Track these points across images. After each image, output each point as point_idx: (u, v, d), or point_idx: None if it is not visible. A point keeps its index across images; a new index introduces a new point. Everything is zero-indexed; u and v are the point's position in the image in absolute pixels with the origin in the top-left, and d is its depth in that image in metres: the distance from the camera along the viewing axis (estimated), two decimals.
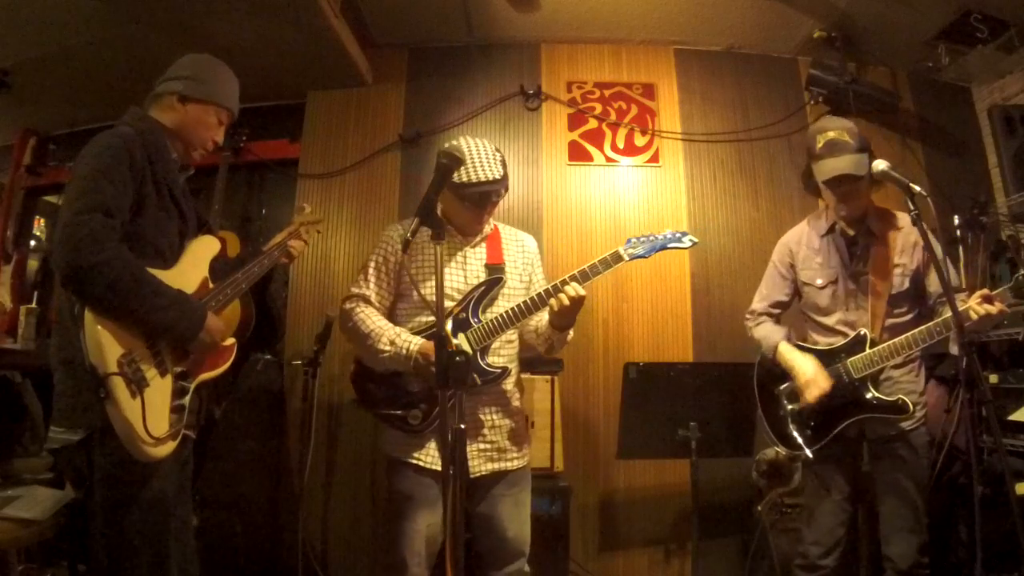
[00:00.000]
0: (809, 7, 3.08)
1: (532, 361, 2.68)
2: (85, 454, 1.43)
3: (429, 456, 1.83)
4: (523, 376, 2.60)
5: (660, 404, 2.16)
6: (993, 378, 2.42)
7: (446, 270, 1.90)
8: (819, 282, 2.09)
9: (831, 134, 1.96)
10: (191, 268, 1.63)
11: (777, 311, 2.23)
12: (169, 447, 1.45)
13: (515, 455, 1.92)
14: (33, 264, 3.82)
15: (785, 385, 2.09)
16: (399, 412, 1.84)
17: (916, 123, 3.41)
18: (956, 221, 2.94)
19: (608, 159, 3.32)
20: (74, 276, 1.35)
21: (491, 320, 1.86)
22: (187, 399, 1.54)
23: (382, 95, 3.39)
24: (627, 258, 1.89)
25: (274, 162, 3.40)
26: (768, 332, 2.17)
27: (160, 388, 1.46)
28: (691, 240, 1.94)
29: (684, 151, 3.33)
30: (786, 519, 2.53)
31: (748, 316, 2.27)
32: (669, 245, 1.93)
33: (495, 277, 1.94)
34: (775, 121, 3.36)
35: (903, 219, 2.03)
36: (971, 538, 2.13)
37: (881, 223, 2.04)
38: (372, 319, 1.87)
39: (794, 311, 2.26)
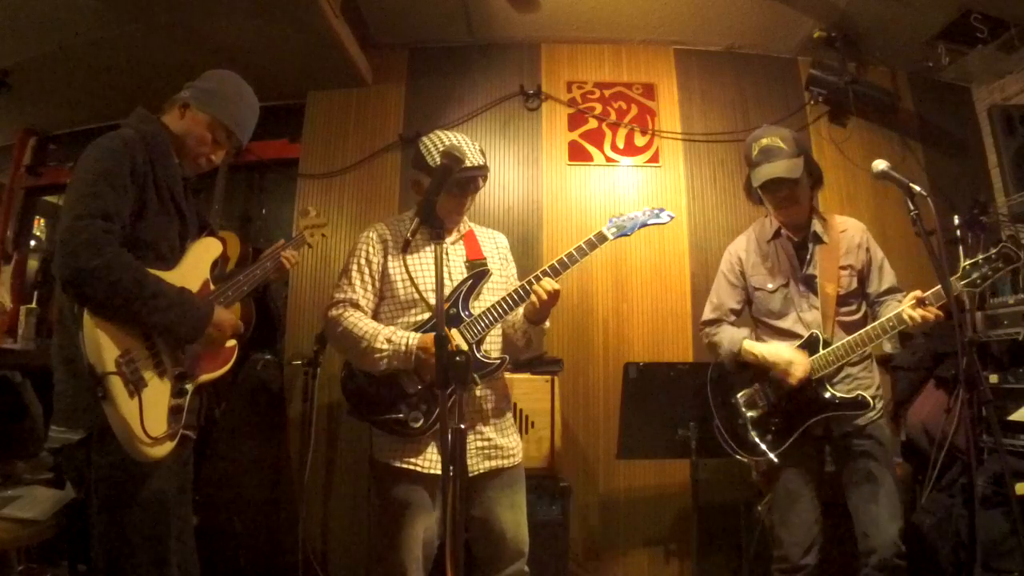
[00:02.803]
0: (809, 7, 3.09)
1: (532, 361, 2.69)
2: (85, 454, 1.42)
3: (427, 461, 1.79)
4: (523, 376, 2.62)
5: (660, 404, 2.16)
6: (993, 378, 2.42)
7: (429, 269, 1.90)
8: (770, 286, 2.11)
9: (764, 141, 2.01)
10: (192, 270, 1.63)
11: (731, 319, 2.21)
12: (167, 447, 1.45)
13: (510, 452, 1.91)
14: (33, 264, 3.82)
15: (742, 393, 2.08)
16: (400, 416, 1.78)
17: (916, 123, 3.41)
18: (956, 221, 2.94)
19: (608, 159, 3.32)
20: (73, 281, 1.34)
21: (483, 313, 1.85)
22: (186, 400, 1.54)
23: (382, 95, 3.39)
24: (611, 237, 1.96)
25: (274, 162, 3.40)
26: (730, 334, 2.14)
27: (158, 388, 1.46)
28: (668, 215, 2.02)
29: (684, 151, 3.34)
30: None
31: (703, 326, 2.25)
32: (650, 222, 2.00)
33: (482, 270, 1.94)
34: (775, 121, 3.35)
35: (845, 222, 2.11)
36: (971, 538, 2.13)
37: (825, 227, 2.08)
38: (363, 322, 1.83)
39: (745, 321, 2.24)
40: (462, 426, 1.30)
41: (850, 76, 3.16)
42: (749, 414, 2.06)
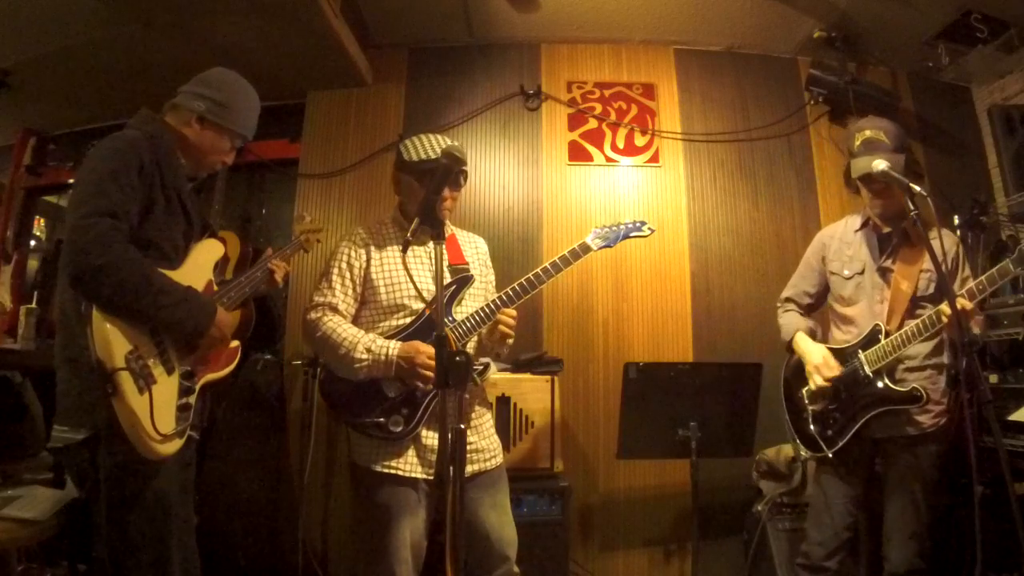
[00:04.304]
0: (809, 7, 3.08)
1: (532, 361, 2.69)
2: (88, 453, 1.42)
3: (407, 464, 1.78)
4: (523, 376, 2.62)
5: (660, 404, 2.15)
6: (993, 378, 2.41)
7: (414, 270, 1.89)
8: (846, 272, 2.13)
9: (868, 133, 2.01)
10: (196, 270, 1.63)
11: (806, 301, 2.27)
12: (175, 445, 1.45)
13: (491, 454, 1.92)
14: (33, 264, 3.82)
15: (808, 387, 2.11)
16: (380, 420, 1.77)
17: (916, 123, 3.40)
18: (956, 221, 2.94)
19: (608, 159, 3.32)
20: (81, 278, 1.35)
21: (469, 317, 1.86)
22: (193, 398, 1.54)
23: (382, 95, 3.39)
24: (595, 248, 1.97)
25: (274, 162, 3.40)
26: (791, 320, 2.21)
27: (167, 385, 1.46)
28: (649, 228, 2.07)
29: (684, 151, 3.33)
30: (786, 519, 2.54)
31: (778, 304, 2.33)
32: (631, 234, 2.05)
33: (466, 275, 1.94)
34: (775, 121, 3.36)
35: (939, 231, 2.08)
36: (971, 538, 2.13)
37: (918, 230, 2.04)
38: (342, 327, 1.81)
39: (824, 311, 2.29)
40: (462, 426, 1.30)
41: (850, 76, 3.16)
42: (811, 408, 2.09)
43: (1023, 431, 2.29)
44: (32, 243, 3.86)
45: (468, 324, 1.85)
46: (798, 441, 2.12)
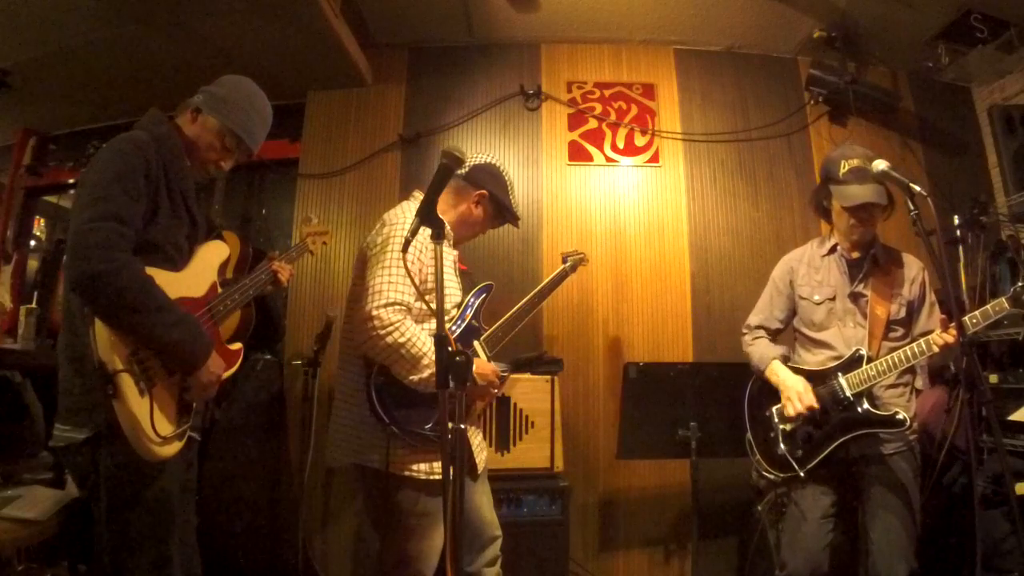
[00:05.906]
0: (809, 7, 3.09)
1: (532, 361, 2.69)
2: (90, 453, 1.42)
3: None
4: (523, 376, 2.63)
5: (660, 404, 2.16)
6: (993, 378, 2.42)
7: (449, 277, 1.90)
8: (816, 298, 2.12)
9: (855, 162, 2.00)
10: (200, 272, 1.63)
11: (775, 326, 2.23)
12: (175, 447, 1.44)
13: (485, 444, 2.02)
14: (33, 264, 3.82)
15: (778, 406, 2.08)
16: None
17: (916, 123, 3.41)
18: (956, 221, 2.94)
19: (608, 159, 3.32)
20: (81, 283, 1.33)
21: (500, 326, 1.92)
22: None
23: (382, 95, 3.39)
24: (570, 273, 2.26)
25: (274, 162, 3.40)
26: (763, 349, 2.17)
27: (167, 388, 1.45)
28: (586, 258, 2.45)
29: (684, 151, 3.34)
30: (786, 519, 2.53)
31: (744, 330, 2.28)
32: (579, 265, 2.39)
33: (488, 283, 1.98)
34: (775, 121, 3.36)
35: (905, 256, 2.11)
36: (971, 538, 2.14)
37: (886, 256, 2.09)
38: (423, 337, 1.70)
39: (788, 331, 2.26)
40: (462, 425, 1.29)
41: (850, 76, 3.16)
42: (782, 427, 2.05)
43: (1023, 431, 2.30)
44: (32, 243, 3.85)
45: (501, 330, 1.93)
46: (764, 464, 2.06)
